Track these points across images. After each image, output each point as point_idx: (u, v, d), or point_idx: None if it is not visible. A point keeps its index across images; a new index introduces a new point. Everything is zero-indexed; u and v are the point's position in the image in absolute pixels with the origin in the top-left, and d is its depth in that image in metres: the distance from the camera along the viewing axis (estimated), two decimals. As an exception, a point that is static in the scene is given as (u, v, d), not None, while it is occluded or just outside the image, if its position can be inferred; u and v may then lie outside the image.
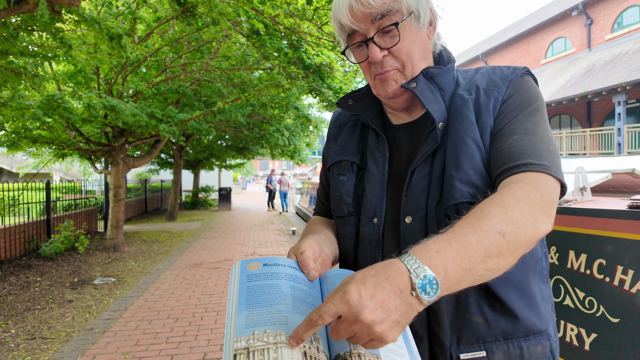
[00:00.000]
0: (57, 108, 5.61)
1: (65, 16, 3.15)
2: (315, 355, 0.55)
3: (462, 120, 0.81)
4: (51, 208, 7.30)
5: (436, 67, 0.88)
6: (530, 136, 0.76)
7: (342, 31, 0.87)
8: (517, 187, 0.69)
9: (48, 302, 4.56)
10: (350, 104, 0.98)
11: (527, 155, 0.73)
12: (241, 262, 0.70)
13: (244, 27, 4.81)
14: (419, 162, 0.83)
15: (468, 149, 0.78)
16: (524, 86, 0.84)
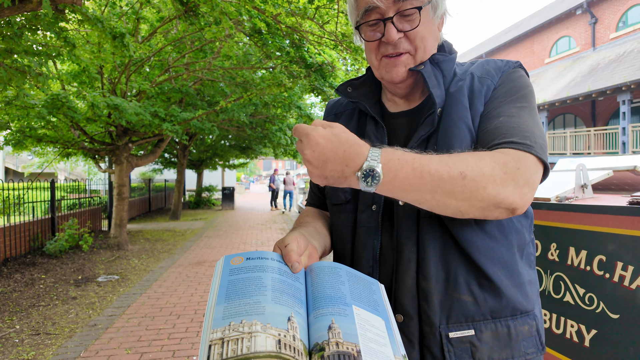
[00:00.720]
0: (62, 107, 5.66)
1: (69, 15, 3.18)
2: (291, 343, 0.55)
3: (455, 106, 0.83)
4: (56, 207, 7.36)
5: (442, 54, 0.90)
6: (516, 119, 0.78)
7: (359, 5, 0.85)
8: (498, 154, 0.71)
9: (52, 298, 4.60)
10: (349, 91, 0.98)
11: (511, 134, 0.75)
12: (225, 257, 0.71)
13: (246, 26, 4.83)
14: (413, 146, 0.83)
15: (460, 132, 0.81)
16: (514, 76, 0.87)
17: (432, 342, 0.79)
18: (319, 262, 0.76)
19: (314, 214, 1.07)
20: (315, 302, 0.65)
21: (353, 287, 0.70)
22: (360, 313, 0.64)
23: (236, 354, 0.52)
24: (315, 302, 0.65)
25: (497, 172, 0.68)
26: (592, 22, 16.49)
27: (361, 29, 0.88)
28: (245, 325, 0.55)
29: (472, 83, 0.86)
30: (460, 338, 0.78)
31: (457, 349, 0.78)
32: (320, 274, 0.71)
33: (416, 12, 0.82)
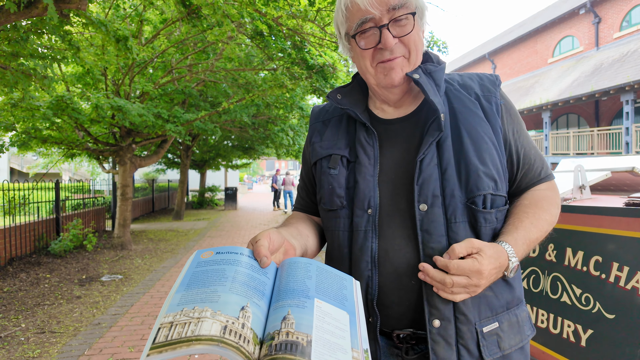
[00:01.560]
0: (66, 108, 5.72)
1: (73, 19, 3.23)
2: (239, 330, 0.57)
3: (477, 120, 0.92)
4: (60, 207, 7.44)
5: (433, 65, 0.96)
6: (536, 149, 1.01)
7: (354, 17, 0.89)
8: (550, 195, 0.97)
9: (57, 298, 4.66)
10: (339, 98, 1.02)
11: (544, 167, 1.00)
12: (197, 251, 0.73)
13: (248, 28, 4.87)
14: (426, 152, 0.88)
15: (488, 147, 0.90)
16: (507, 96, 1.01)
17: (470, 340, 0.84)
18: (292, 258, 0.78)
19: (300, 217, 1.10)
20: (278, 295, 0.67)
21: (321, 281, 0.72)
22: (321, 306, 0.66)
23: (180, 336, 0.54)
24: (278, 295, 0.67)
25: (555, 212, 0.96)
26: (595, 22, 16.44)
27: (357, 38, 0.91)
28: (196, 312, 0.57)
29: (480, 103, 0.95)
30: (490, 331, 0.87)
31: (489, 341, 0.86)
32: (289, 269, 0.73)
33: (410, 17, 0.88)
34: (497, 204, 0.89)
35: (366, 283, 0.89)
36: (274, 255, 0.78)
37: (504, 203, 0.91)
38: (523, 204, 0.94)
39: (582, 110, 17.02)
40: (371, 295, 0.88)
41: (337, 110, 1.07)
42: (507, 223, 0.91)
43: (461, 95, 0.96)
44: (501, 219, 0.91)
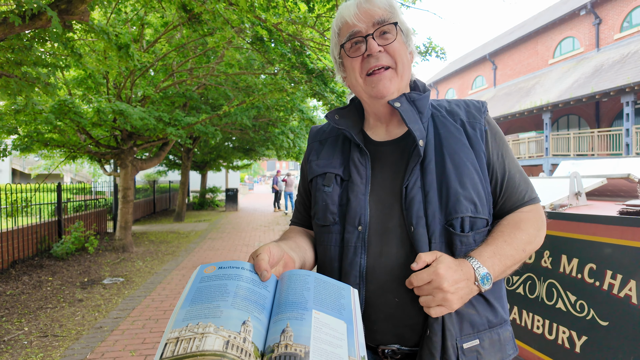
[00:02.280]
0: (69, 112, 5.77)
1: (75, 26, 3.27)
2: (240, 344, 0.59)
3: (460, 146, 0.97)
4: (62, 209, 7.49)
5: (417, 93, 1.02)
6: (522, 173, 1.04)
7: (344, 33, 1.00)
8: (531, 217, 0.99)
9: (59, 301, 4.71)
10: (337, 118, 1.08)
11: (528, 190, 1.02)
12: (200, 266, 0.76)
13: (248, 34, 4.91)
14: (410, 177, 0.95)
15: (469, 172, 0.94)
16: (493, 121, 1.06)
17: (452, 354, 0.88)
18: (291, 270, 0.82)
19: (297, 231, 1.15)
20: (278, 308, 0.70)
21: (318, 292, 0.75)
22: (319, 317, 0.69)
23: (186, 351, 0.57)
24: (278, 308, 0.70)
25: (536, 234, 0.97)
26: (596, 23, 16.44)
27: (345, 48, 1.00)
28: (200, 327, 0.60)
29: (465, 128, 1.01)
30: (470, 348, 0.90)
31: (468, 357, 0.90)
32: (288, 282, 0.77)
33: (392, 27, 0.97)
34: (477, 226, 0.93)
35: None
36: (275, 268, 0.82)
37: (484, 225, 0.95)
38: (501, 224, 0.97)
39: (583, 112, 17.02)
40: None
41: (334, 130, 1.13)
42: (484, 239, 0.94)
43: (447, 122, 1.01)
44: (480, 240, 0.94)
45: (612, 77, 13.56)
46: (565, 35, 18.17)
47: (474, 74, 25.01)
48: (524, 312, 2.48)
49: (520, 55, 20.98)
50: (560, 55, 18.54)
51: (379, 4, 0.97)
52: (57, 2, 2.62)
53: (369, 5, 0.97)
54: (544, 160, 15.87)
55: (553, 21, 18.32)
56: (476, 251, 0.90)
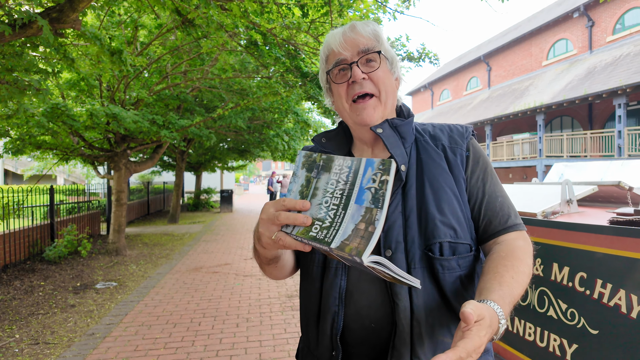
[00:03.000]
0: (61, 115, 5.72)
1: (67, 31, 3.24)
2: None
3: (439, 171, 0.98)
4: (55, 212, 7.43)
5: (399, 119, 1.03)
6: (505, 198, 1.02)
7: (330, 59, 1.03)
8: (523, 245, 0.95)
9: (51, 306, 4.67)
10: (323, 141, 1.10)
11: (511, 215, 1.00)
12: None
13: (242, 37, 4.89)
14: (391, 201, 0.94)
15: (448, 197, 0.95)
16: (477, 146, 1.06)
17: None
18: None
19: None
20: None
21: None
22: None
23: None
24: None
25: (531, 263, 0.94)
26: (589, 25, 16.58)
27: (332, 75, 1.03)
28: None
29: (446, 154, 1.02)
30: None
31: None
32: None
33: (376, 56, 0.99)
34: (459, 251, 0.92)
35: (332, 318, 0.94)
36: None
37: (468, 250, 0.94)
38: (500, 256, 0.92)
39: (576, 113, 17.16)
40: (336, 330, 0.93)
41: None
42: (486, 277, 0.87)
43: (429, 147, 1.02)
44: (466, 265, 0.93)
45: (604, 79, 13.67)
46: (558, 37, 18.31)
47: (468, 75, 25.12)
48: (515, 319, 2.49)
49: (514, 57, 21.10)
50: (554, 57, 18.67)
51: (363, 33, 1.01)
52: (48, 10, 2.60)
53: (353, 35, 1.00)
54: (537, 161, 15.97)
55: (547, 23, 18.45)
56: (496, 294, 0.81)
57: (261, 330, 4.00)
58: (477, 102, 22.36)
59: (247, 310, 4.59)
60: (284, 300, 4.96)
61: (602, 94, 13.20)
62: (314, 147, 1.19)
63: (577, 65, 16.52)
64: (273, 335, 3.87)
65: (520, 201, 3.05)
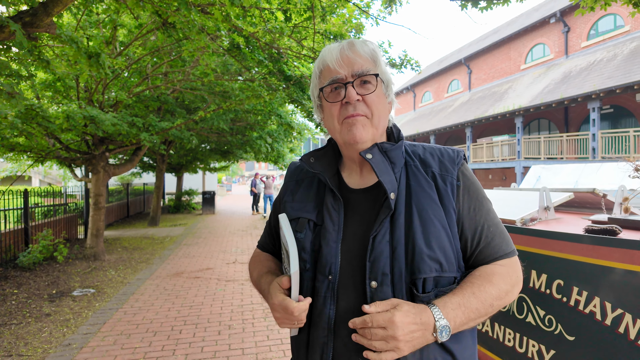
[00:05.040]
0: (36, 117, 5.54)
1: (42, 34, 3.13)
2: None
3: (428, 202, 0.95)
4: (29, 216, 7.18)
5: (389, 143, 1.01)
6: (497, 226, 1.00)
7: (325, 78, 1.00)
8: (504, 272, 0.95)
9: (25, 316, 4.51)
10: (312, 161, 1.07)
11: (503, 244, 0.99)
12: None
13: (224, 42, 4.83)
14: (378, 230, 0.92)
15: (436, 230, 0.92)
16: (468, 172, 1.04)
17: None
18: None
19: (269, 258, 1.21)
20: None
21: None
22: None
23: None
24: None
25: (508, 290, 0.94)
26: (564, 31, 17.05)
27: (325, 92, 1.00)
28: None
29: (436, 182, 0.98)
30: None
31: None
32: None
33: (373, 78, 0.97)
34: (441, 283, 0.91)
35: (322, 349, 0.93)
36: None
37: (451, 282, 0.93)
38: (473, 275, 0.94)
39: (553, 116, 17.62)
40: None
41: (311, 172, 1.12)
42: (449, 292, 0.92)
43: (418, 173, 1.00)
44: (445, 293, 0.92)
45: (579, 84, 14.08)
46: (536, 41, 18.76)
47: (449, 78, 25.50)
48: (495, 324, 2.53)
49: (494, 60, 21.52)
50: (532, 60, 19.13)
51: (362, 53, 0.98)
52: (21, 14, 2.49)
53: (351, 54, 0.97)
54: (516, 163, 16.33)
55: (525, 28, 18.89)
56: (441, 300, 0.88)
57: (243, 337, 3.96)
58: (458, 104, 22.71)
59: (229, 317, 4.54)
60: (267, 306, 4.92)
61: (577, 98, 13.59)
62: (300, 165, 1.18)
63: (554, 70, 16.97)
64: (255, 342, 3.84)
65: (500, 208, 3.11)
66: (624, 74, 12.60)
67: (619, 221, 2.57)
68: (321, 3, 4.11)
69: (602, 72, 13.68)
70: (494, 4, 4.11)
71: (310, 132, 11.17)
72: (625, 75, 12.42)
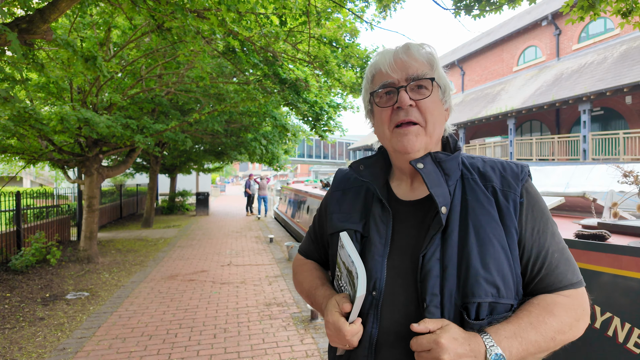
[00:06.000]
0: (29, 119, 5.50)
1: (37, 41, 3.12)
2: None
3: (487, 219, 0.87)
4: (21, 218, 7.12)
5: (444, 154, 0.94)
6: (563, 252, 0.90)
7: (376, 80, 0.95)
8: (569, 303, 0.86)
9: (18, 320, 4.49)
10: (361, 169, 1.03)
11: (568, 272, 0.89)
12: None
13: (220, 45, 4.84)
14: (428, 247, 0.86)
15: (495, 251, 0.84)
16: (533, 190, 0.94)
17: None
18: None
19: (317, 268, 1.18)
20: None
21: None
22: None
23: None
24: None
25: (572, 324, 0.85)
26: (556, 34, 17.24)
27: (375, 97, 0.96)
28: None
29: (496, 198, 0.90)
30: None
31: None
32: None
33: (428, 83, 0.91)
34: (497, 310, 0.84)
35: None
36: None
37: (507, 309, 0.85)
38: (531, 303, 0.86)
39: (545, 118, 17.80)
40: None
41: (357, 180, 1.08)
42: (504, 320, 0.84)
43: (477, 188, 0.91)
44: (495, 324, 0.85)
45: (570, 86, 14.25)
46: (528, 44, 18.96)
47: (443, 79, 25.62)
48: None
49: (486, 62, 21.70)
50: (524, 63, 19.32)
51: (417, 56, 0.92)
52: (17, 21, 2.49)
53: (406, 57, 0.92)
54: (508, 164, 16.46)
55: (517, 30, 19.07)
56: (493, 327, 0.80)
57: (239, 340, 3.97)
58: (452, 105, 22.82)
59: (225, 320, 4.55)
60: (262, 308, 4.94)
61: (569, 100, 13.76)
62: (347, 174, 1.13)
63: (546, 72, 17.16)
64: (251, 345, 3.86)
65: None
66: (614, 76, 12.78)
67: (608, 226, 2.63)
68: (316, 8, 4.14)
69: (592, 74, 13.87)
70: (486, 11, 4.17)
71: (304, 133, 11.20)
72: (615, 78, 12.60)
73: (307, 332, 4.15)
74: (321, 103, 6.46)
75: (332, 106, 7.41)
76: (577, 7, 4.12)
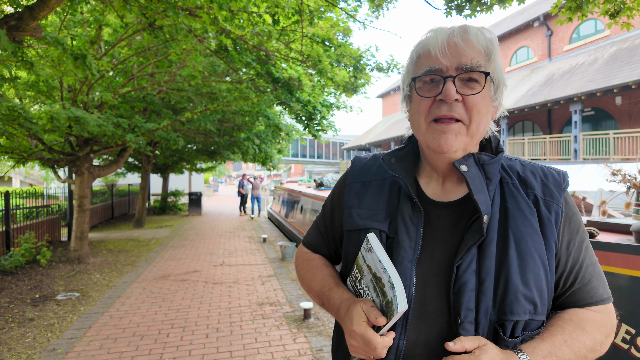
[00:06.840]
0: (18, 118, 5.43)
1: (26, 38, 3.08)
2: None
3: (529, 231, 0.81)
4: (10, 218, 7.04)
5: (488, 155, 0.86)
6: (595, 266, 0.88)
7: (422, 65, 0.83)
8: (600, 320, 0.84)
9: (7, 321, 4.43)
10: (392, 162, 0.92)
11: (599, 287, 0.87)
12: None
13: (212, 44, 4.82)
14: (464, 257, 0.80)
15: (535, 265, 0.79)
16: (571, 200, 0.90)
17: None
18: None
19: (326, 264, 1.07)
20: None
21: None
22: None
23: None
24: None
25: (602, 341, 0.83)
26: (548, 34, 17.42)
27: (417, 82, 0.84)
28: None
29: (539, 208, 0.84)
30: None
31: None
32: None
33: (482, 77, 0.80)
34: (530, 327, 0.80)
35: None
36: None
37: (539, 326, 0.82)
38: (562, 318, 0.82)
39: (536, 118, 17.97)
40: None
41: (381, 171, 0.97)
42: (536, 336, 0.80)
43: (518, 195, 0.85)
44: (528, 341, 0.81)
45: (562, 87, 14.41)
46: (520, 44, 19.13)
47: (436, 79, 25.76)
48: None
49: (479, 63, 21.87)
50: (516, 63, 19.50)
51: (474, 43, 0.80)
52: (6, 18, 2.46)
53: (461, 42, 0.80)
54: (500, 164, 16.60)
55: (509, 31, 19.24)
56: (528, 346, 0.77)
57: (231, 340, 3.96)
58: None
59: (217, 319, 4.53)
60: (255, 308, 4.93)
61: (560, 100, 13.91)
62: (371, 160, 1.02)
63: (538, 72, 17.32)
64: (244, 345, 3.84)
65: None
66: (604, 77, 12.94)
67: (597, 224, 2.66)
68: (309, 7, 4.14)
69: (583, 75, 14.03)
70: (477, 11, 4.20)
71: (298, 133, 11.19)
72: (606, 79, 12.76)
73: (300, 331, 4.15)
74: (314, 102, 6.46)
75: (325, 105, 7.40)
76: (565, 8, 4.17)
